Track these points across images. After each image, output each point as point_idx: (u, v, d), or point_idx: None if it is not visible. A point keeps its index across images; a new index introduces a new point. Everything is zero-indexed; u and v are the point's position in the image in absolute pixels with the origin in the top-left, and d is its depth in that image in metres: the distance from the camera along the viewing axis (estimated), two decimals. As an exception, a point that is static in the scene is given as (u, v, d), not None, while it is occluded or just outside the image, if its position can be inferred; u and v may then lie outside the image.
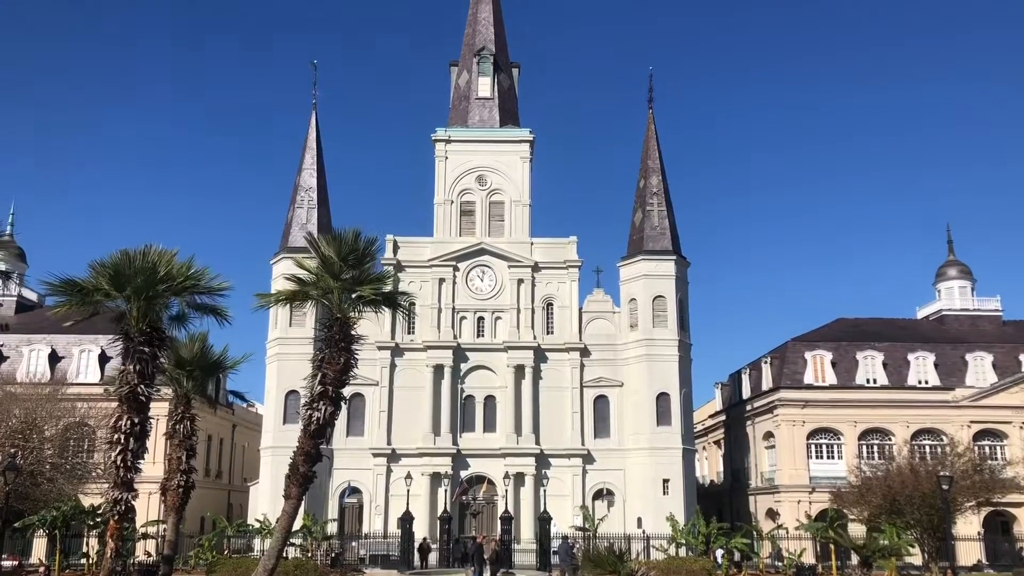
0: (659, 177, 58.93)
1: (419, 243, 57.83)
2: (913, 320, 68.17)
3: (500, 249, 56.92)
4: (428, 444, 53.96)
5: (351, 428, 54.43)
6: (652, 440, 53.82)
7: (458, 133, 59.88)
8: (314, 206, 58.15)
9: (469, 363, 55.81)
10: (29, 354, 56.50)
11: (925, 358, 59.62)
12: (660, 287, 56.10)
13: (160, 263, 16.68)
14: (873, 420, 58.02)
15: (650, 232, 57.55)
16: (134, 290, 16.52)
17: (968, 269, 68.52)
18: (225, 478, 66.00)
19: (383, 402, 54.94)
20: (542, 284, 57.05)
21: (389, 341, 55.40)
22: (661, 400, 54.42)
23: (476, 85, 61.97)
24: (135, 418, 17.45)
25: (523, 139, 59.76)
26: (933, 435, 57.62)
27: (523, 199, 58.42)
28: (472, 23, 64.22)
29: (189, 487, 20.83)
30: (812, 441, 58.26)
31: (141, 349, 17.03)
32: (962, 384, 58.80)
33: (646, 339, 55.29)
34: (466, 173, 58.83)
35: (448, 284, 56.65)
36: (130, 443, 17.39)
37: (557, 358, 56.04)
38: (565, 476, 54.14)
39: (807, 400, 58.01)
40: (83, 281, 16.53)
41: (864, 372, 59.39)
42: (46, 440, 39.43)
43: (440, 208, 58.37)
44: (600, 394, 55.95)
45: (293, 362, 51.82)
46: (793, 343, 61.37)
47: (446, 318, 56.18)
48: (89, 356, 56.75)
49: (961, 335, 63.01)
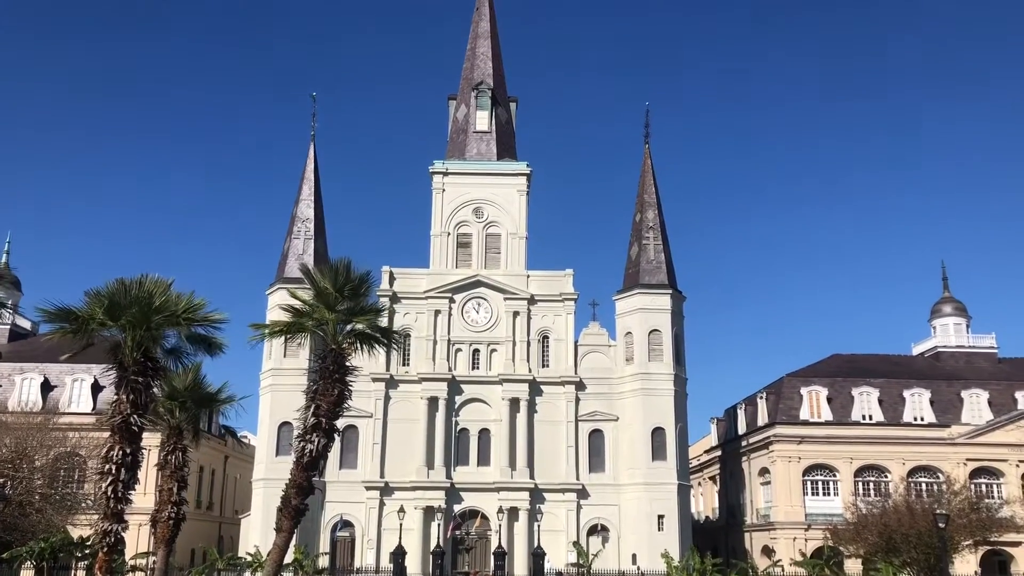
0: (655, 211, 59.15)
1: (415, 274, 57.83)
2: (909, 356, 68.15)
3: (496, 281, 56.93)
4: (422, 477, 53.54)
5: (344, 460, 54.02)
6: (647, 475, 53.46)
7: (456, 166, 60.17)
8: (311, 237, 58.21)
9: (464, 396, 55.57)
10: (21, 383, 56.17)
11: (921, 395, 59.54)
12: (656, 321, 56.09)
13: (155, 293, 16.64)
14: (869, 457, 57.78)
15: (646, 266, 57.64)
16: (129, 320, 16.46)
17: (963, 306, 68.68)
18: (216, 510, 65.36)
19: (377, 434, 54.59)
20: (538, 317, 57.01)
21: (383, 373, 55.18)
22: (656, 435, 54.15)
23: (474, 119, 62.40)
24: (127, 448, 17.30)
25: (520, 172, 60.03)
26: (929, 472, 57.39)
27: (519, 232, 58.56)
28: (471, 58, 64.81)
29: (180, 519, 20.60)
30: (808, 477, 57.96)
31: (135, 379, 16.94)
32: (958, 421, 58.67)
33: (642, 373, 55.14)
34: (463, 205, 59.02)
35: (444, 316, 56.59)
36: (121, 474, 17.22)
37: (552, 391, 55.84)
38: (559, 511, 53.70)
39: (803, 436, 57.79)
40: (78, 310, 16.47)
41: (860, 408, 59.26)
42: (36, 470, 39.07)
43: (437, 240, 58.48)
44: (595, 428, 55.67)
45: (287, 393, 51.54)
46: (789, 378, 61.28)
47: (441, 350, 56.03)
48: (82, 385, 56.43)
49: (957, 372, 62.99)
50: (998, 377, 62.25)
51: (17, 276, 68.62)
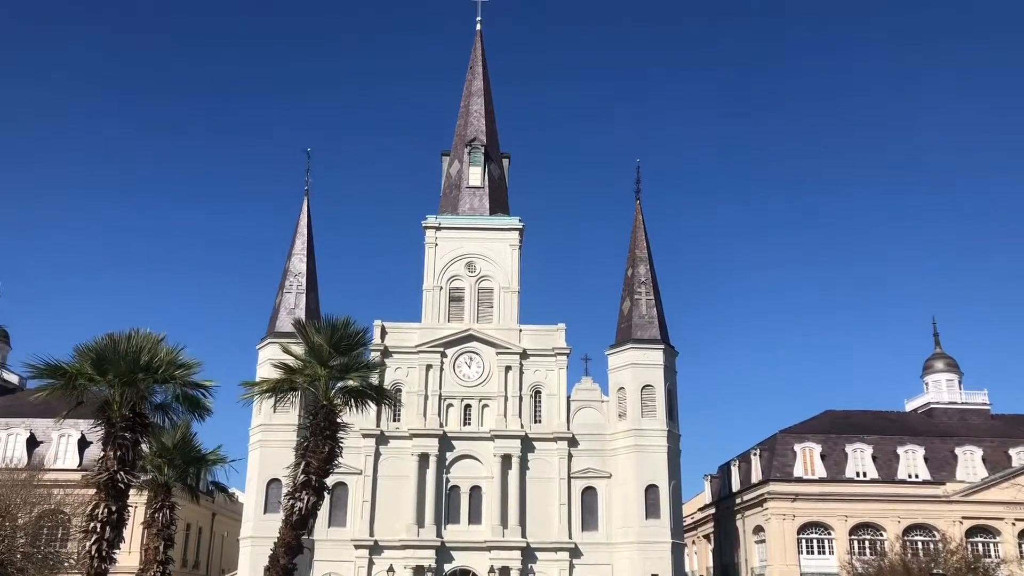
0: (647, 266, 59.42)
1: (407, 329, 57.69)
2: (902, 413, 68.03)
3: (488, 335, 56.82)
4: (412, 536, 52.71)
5: (333, 518, 53.18)
6: (641, 534, 52.76)
7: (448, 220, 60.50)
8: (303, 291, 58.18)
9: (455, 452, 55.03)
10: (7, 438, 55.48)
11: (915, 452, 59.28)
12: (649, 376, 55.91)
13: (144, 349, 16.53)
14: (864, 515, 57.26)
15: (638, 321, 57.67)
16: (117, 375, 16.32)
17: (955, 362, 68.81)
18: (203, 569, 64.12)
19: (366, 491, 53.86)
20: (530, 371, 56.79)
21: (374, 429, 54.66)
22: (650, 492, 53.59)
23: (467, 174, 62.95)
24: (112, 506, 17.02)
25: (513, 227, 60.37)
26: (925, 531, 56.86)
27: (512, 286, 58.66)
28: (464, 115, 65.65)
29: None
30: (803, 536, 57.34)
31: (123, 435, 16.73)
32: (952, 479, 58.32)
33: (635, 429, 54.77)
34: (456, 260, 59.19)
35: (435, 370, 56.31)
36: (106, 532, 16.91)
37: (544, 448, 55.35)
38: (552, 571, 52.80)
39: (797, 493, 57.31)
40: (67, 365, 16.33)
41: (854, 465, 58.91)
42: (19, 528, 38.33)
43: (429, 294, 58.50)
44: (588, 485, 55.07)
45: (276, 449, 51.00)
46: (782, 435, 60.99)
47: (432, 405, 55.63)
48: (68, 441, 55.75)
49: (950, 429, 62.84)
50: (991, 434, 62.11)
51: (6, 329, 68.37)
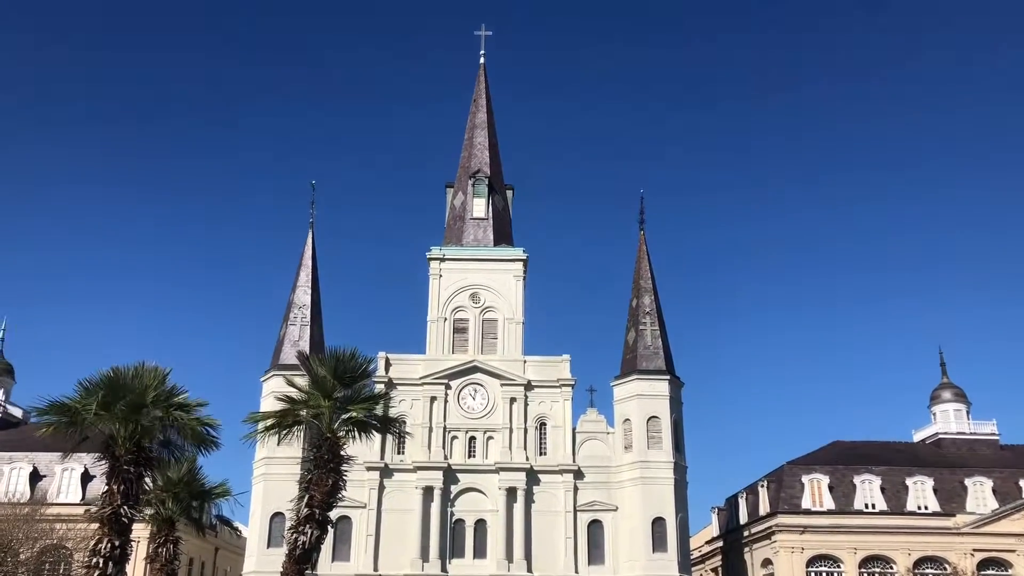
0: (651, 296, 59.33)
1: (411, 360, 57.54)
2: (910, 443, 67.48)
3: (493, 367, 56.63)
4: (416, 570, 52.13)
5: (337, 552, 52.66)
6: (648, 568, 52.12)
7: (453, 252, 60.60)
8: (307, 323, 58.16)
9: (459, 485, 54.61)
10: (10, 472, 55.15)
11: (924, 483, 58.71)
12: (654, 407, 55.59)
13: (150, 386, 16.46)
14: (873, 547, 56.59)
15: (643, 351, 57.47)
16: (122, 411, 16.24)
17: (963, 392, 68.41)
18: (204, 605, 63.44)
19: (370, 525, 53.39)
20: (535, 403, 56.51)
21: (378, 462, 54.33)
22: (657, 525, 53.04)
23: (471, 206, 63.16)
24: (115, 541, 16.85)
25: (517, 258, 60.44)
26: (936, 563, 56.15)
27: (516, 317, 58.59)
28: (468, 147, 66.01)
29: (167, 615, 19.91)
30: (812, 568, 56.64)
31: (127, 469, 16.61)
32: (963, 510, 57.69)
33: (641, 461, 54.35)
34: (460, 291, 59.19)
35: (440, 402, 56.07)
36: (108, 567, 16.74)
37: (550, 480, 54.91)
38: (558, 605, 52.16)
39: (805, 526, 56.70)
40: (71, 403, 16.24)
41: (862, 497, 58.33)
42: (20, 564, 38.00)
43: (433, 325, 58.43)
44: (594, 518, 54.53)
45: (280, 483, 50.68)
46: (789, 466, 60.48)
47: (437, 438, 55.32)
48: (71, 475, 55.40)
49: (959, 459, 62.29)
50: (1001, 464, 61.53)
51: (10, 363, 68.34)
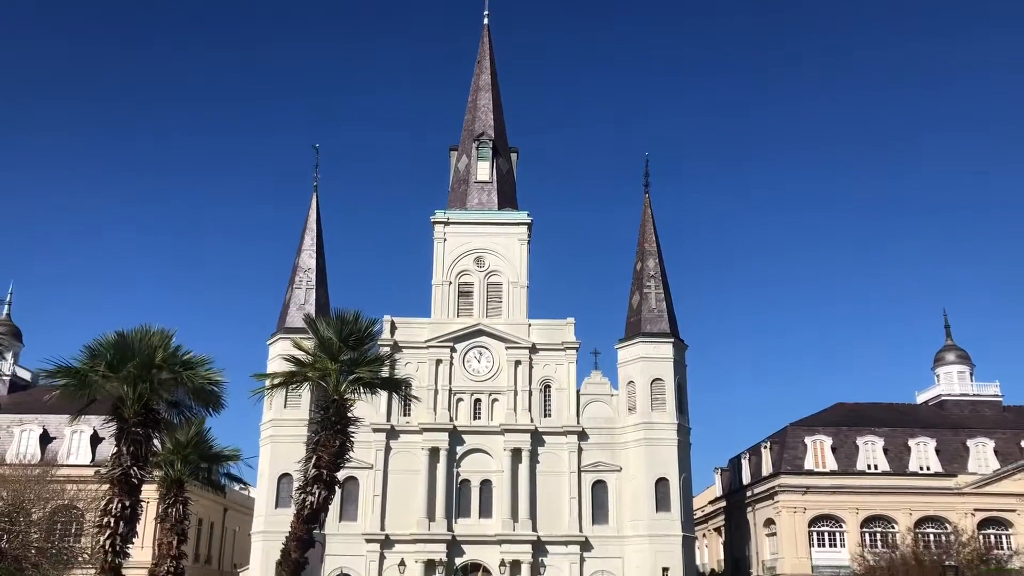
0: (656, 259, 59.32)
1: (417, 324, 57.79)
2: (913, 405, 67.78)
3: (498, 330, 56.87)
4: (423, 530, 52.88)
5: (344, 512, 53.39)
6: (651, 527, 52.80)
7: (457, 215, 60.53)
8: (312, 287, 58.34)
9: (465, 446, 55.14)
10: (20, 434, 55.77)
11: (926, 444, 59.07)
12: (658, 370, 55.89)
13: (158, 347, 16.62)
14: (875, 507, 57.11)
15: (647, 314, 57.61)
16: (129, 373, 16.41)
17: (966, 354, 68.53)
18: (215, 563, 64.43)
19: (377, 486, 54.04)
20: (539, 366, 56.82)
21: (384, 423, 54.84)
22: (660, 485, 53.60)
23: (475, 169, 62.95)
24: (126, 501, 17.11)
25: (521, 222, 60.37)
26: (937, 523, 56.66)
27: (521, 281, 58.68)
28: (472, 109, 65.61)
29: (179, 573, 20.28)
30: (814, 528, 57.23)
31: (135, 431, 16.82)
32: (964, 471, 58.10)
33: (644, 423, 54.78)
34: (464, 255, 59.24)
35: (445, 365, 56.42)
36: (120, 527, 17.00)
37: (554, 442, 55.40)
38: (563, 564, 52.92)
39: (808, 486, 57.19)
40: (79, 365, 16.41)
41: (865, 458, 58.74)
42: (33, 524, 38.57)
43: (438, 289, 58.57)
44: (598, 479, 55.12)
45: (287, 444, 51.24)
46: (793, 428, 60.85)
47: (442, 400, 55.76)
48: (81, 437, 56.03)
49: (961, 421, 62.59)
50: (1003, 425, 61.82)
51: (18, 327, 68.78)
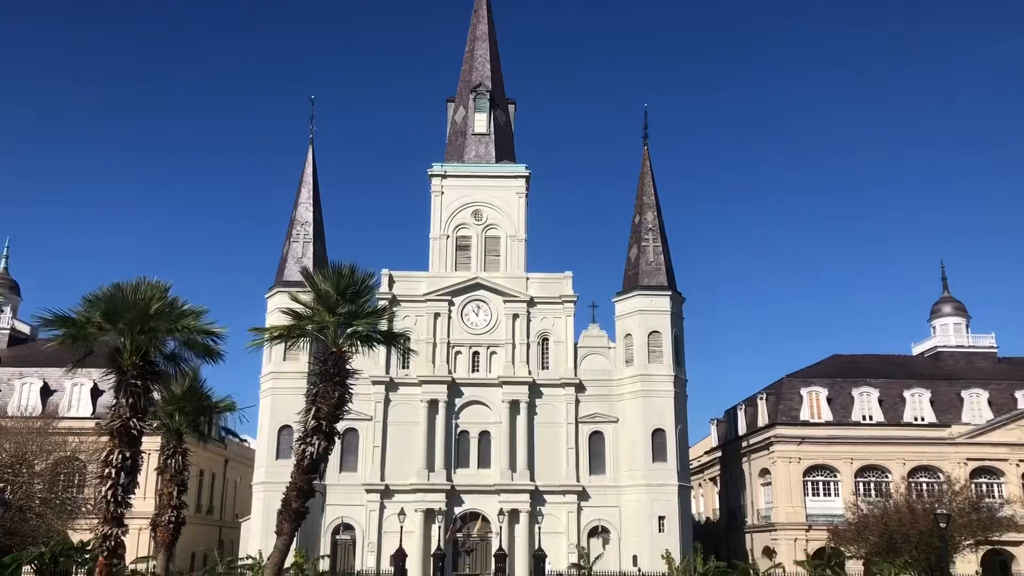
0: (654, 212, 59.15)
1: (414, 277, 57.81)
2: (909, 357, 68.17)
3: (495, 284, 56.91)
4: (422, 480, 53.50)
5: (344, 463, 53.97)
6: (648, 477, 53.44)
7: (454, 168, 60.16)
8: (310, 240, 58.22)
9: (464, 398, 55.54)
10: (21, 387, 56.12)
11: (921, 395, 59.54)
12: (655, 322, 56.08)
13: (153, 298, 16.60)
14: (870, 457, 57.76)
15: (645, 267, 57.63)
16: (127, 324, 16.43)
17: (963, 306, 68.72)
18: (216, 514, 65.28)
19: (377, 437, 54.56)
20: (537, 319, 56.99)
21: (383, 376, 55.15)
22: (657, 436, 54.12)
23: (472, 121, 62.40)
24: (126, 452, 17.24)
25: (519, 175, 60.02)
26: (930, 473, 57.38)
27: (519, 234, 58.55)
28: (469, 60, 64.82)
29: (180, 523, 20.53)
30: (808, 478, 57.93)
31: (134, 383, 16.89)
32: (958, 421, 58.66)
33: (641, 375, 55.12)
34: (462, 208, 59.01)
35: (443, 319, 56.57)
36: (121, 477, 17.16)
37: (552, 393, 55.80)
38: (560, 513, 53.64)
39: (803, 437, 57.77)
40: (77, 315, 16.43)
41: (860, 409, 59.25)
42: (36, 475, 38.98)
43: (436, 243, 58.47)
44: (595, 430, 55.64)
45: (287, 396, 51.57)
46: (788, 379, 61.26)
47: (441, 353, 56.00)
48: (81, 390, 56.37)
49: (957, 372, 63.00)
50: (998, 377, 62.26)
51: (16, 281, 68.75)
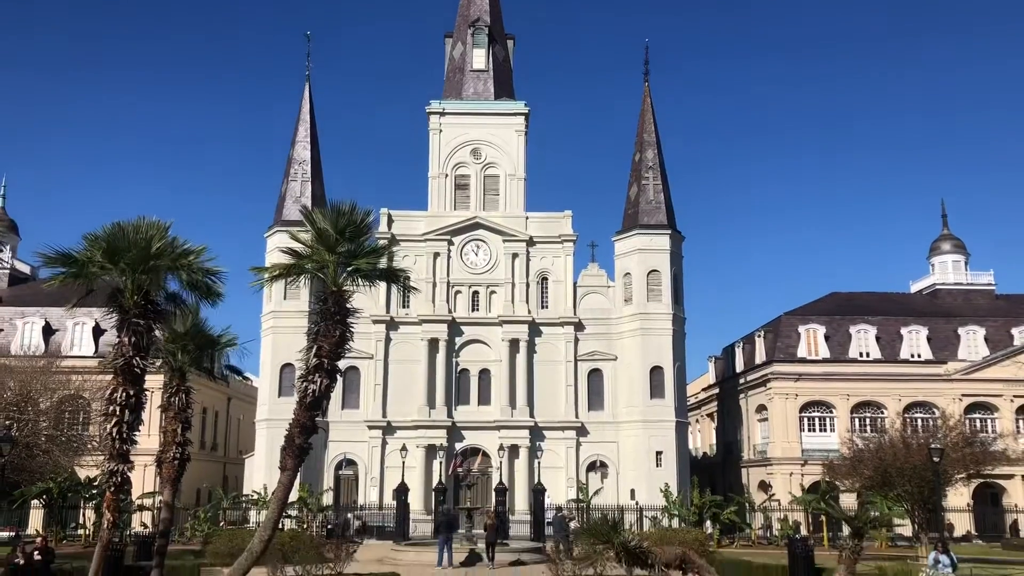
0: (655, 150, 58.74)
1: (414, 217, 57.67)
2: (907, 294, 68.41)
3: (495, 223, 56.79)
4: (423, 416, 54.17)
5: (346, 401, 54.58)
6: (645, 413, 54.09)
7: (452, 106, 59.50)
8: (308, 179, 57.92)
9: (464, 337, 55.90)
10: (23, 327, 56.37)
11: (918, 332, 59.89)
12: (655, 261, 56.13)
13: (155, 237, 16.56)
14: (865, 394, 58.38)
15: (645, 206, 57.47)
16: (128, 263, 16.41)
17: (962, 243, 68.72)
18: (220, 450, 66.24)
19: (378, 375, 55.07)
20: (537, 258, 57.03)
21: (384, 315, 55.42)
22: (655, 373, 54.63)
23: (471, 57, 61.52)
24: (130, 390, 17.36)
25: (518, 112, 59.42)
26: (925, 408, 58.06)
27: (518, 173, 58.22)
28: (467, -6, 63.58)
29: (184, 459, 20.78)
30: (805, 414, 58.64)
31: (135, 322, 16.93)
32: (954, 358, 59.12)
33: (640, 313, 55.39)
34: (461, 146, 58.56)
35: (443, 258, 56.60)
36: (125, 415, 17.32)
37: (551, 332, 56.14)
38: (559, 448, 54.44)
39: (800, 374, 58.30)
40: (78, 253, 16.41)
41: (857, 346, 59.67)
42: (41, 412, 39.42)
43: (435, 182, 58.17)
44: (594, 368, 56.14)
45: (288, 335, 51.90)
46: (787, 317, 61.57)
47: (441, 292, 56.17)
48: (83, 329, 56.64)
49: (954, 309, 63.28)
50: (995, 314, 62.56)
51: (14, 220, 68.56)
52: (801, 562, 25.28)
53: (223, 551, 29.22)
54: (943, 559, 23.74)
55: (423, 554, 32.91)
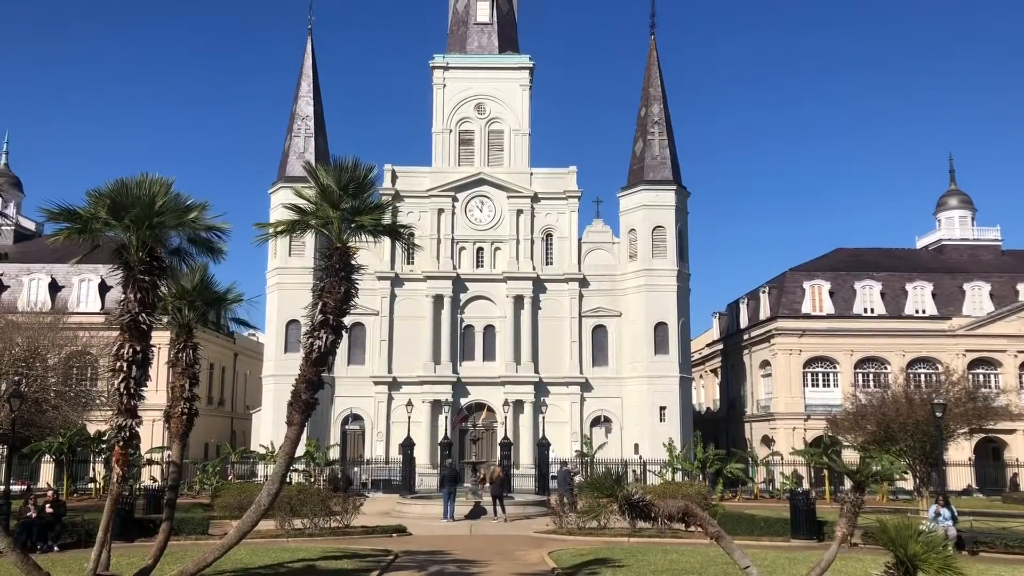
0: (660, 105, 58.21)
1: (418, 173, 57.43)
2: (912, 250, 68.19)
3: (499, 179, 56.54)
4: (428, 372, 54.49)
5: (352, 357, 54.89)
6: (649, 368, 54.33)
7: (456, 60, 58.90)
8: (311, 135, 57.58)
9: (468, 293, 56.00)
10: (29, 283, 56.56)
11: (923, 288, 59.81)
12: (660, 217, 55.96)
13: (159, 193, 16.49)
14: (869, 349, 58.49)
15: (651, 162, 57.11)
16: (132, 219, 16.38)
17: (969, 199, 68.30)
18: (228, 406, 66.83)
19: (383, 331, 55.30)
20: (541, 215, 56.86)
21: (389, 271, 55.48)
22: (659, 329, 54.78)
23: (475, 10, 60.72)
24: (137, 346, 17.41)
25: (523, 66, 58.80)
26: (928, 364, 58.19)
27: (522, 128, 57.80)
28: (470, -55, 62.52)
29: (192, 415, 20.91)
30: (808, 370, 58.83)
31: (141, 278, 16.92)
32: (959, 314, 59.11)
33: (645, 269, 55.36)
34: (465, 101, 58.07)
35: (447, 214, 56.47)
36: (132, 370, 17.38)
37: (556, 288, 56.21)
38: (563, 403, 54.83)
39: (804, 329, 58.38)
40: (82, 210, 16.37)
41: (862, 302, 59.65)
42: (49, 368, 39.68)
43: (439, 137, 57.80)
44: (598, 324, 56.29)
45: (293, 292, 52.04)
46: (791, 273, 61.48)
47: (445, 249, 56.15)
48: (89, 285, 56.82)
49: (960, 265, 63.10)
50: (1001, 269, 62.38)
51: (17, 176, 68.39)
52: (803, 515, 25.59)
53: (231, 504, 29.67)
54: (944, 512, 24.01)
55: (429, 507, 33.34)
